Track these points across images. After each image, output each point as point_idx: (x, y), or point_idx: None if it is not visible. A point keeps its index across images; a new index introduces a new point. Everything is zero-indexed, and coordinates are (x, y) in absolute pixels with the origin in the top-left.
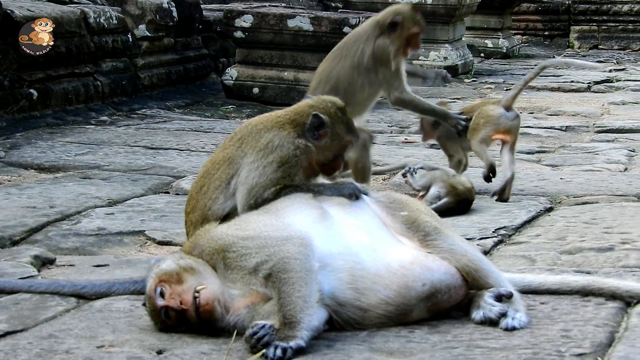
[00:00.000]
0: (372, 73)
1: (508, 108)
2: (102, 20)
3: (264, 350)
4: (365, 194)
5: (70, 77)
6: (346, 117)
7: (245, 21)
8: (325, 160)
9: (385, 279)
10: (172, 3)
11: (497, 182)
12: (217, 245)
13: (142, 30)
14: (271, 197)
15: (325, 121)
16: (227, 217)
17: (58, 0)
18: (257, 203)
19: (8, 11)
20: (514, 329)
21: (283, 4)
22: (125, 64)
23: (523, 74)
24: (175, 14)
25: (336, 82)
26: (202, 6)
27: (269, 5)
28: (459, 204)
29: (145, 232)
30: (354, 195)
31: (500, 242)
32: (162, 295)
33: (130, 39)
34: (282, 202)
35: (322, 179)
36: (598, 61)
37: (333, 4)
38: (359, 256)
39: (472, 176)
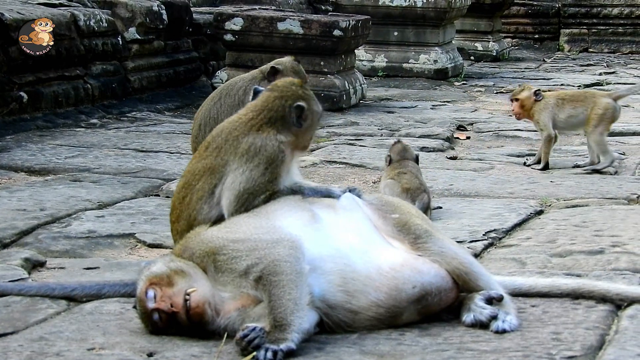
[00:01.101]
0: None
1: (616, 100)
2: (92, 23)
3: (254, 353)
4: (359, 195)
5: (61, 79)
6: (308, 90)
7: (235, 24)
8: (307, 143)
9: (375, 282)
10: (162, 6)
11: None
12: (208, 248)
13: (132, 33)
14: (260, 205)
15: (304, 106)
16: (214, 224)
17: (48, 3)
18: (247, 210)
19: None
20: (504, 331)
21: (273, 7)
22: (115, 66)
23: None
24: (165, 16)
25: (216, 122)
26: (192, 9)
27: (259, 8)
28: None
29: (136, 234)
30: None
31: (490, 245)
32: (152, 297)
33: (121, 42)
34: (272, 205)
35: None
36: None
37: (323, 7)
38: (350, 259)
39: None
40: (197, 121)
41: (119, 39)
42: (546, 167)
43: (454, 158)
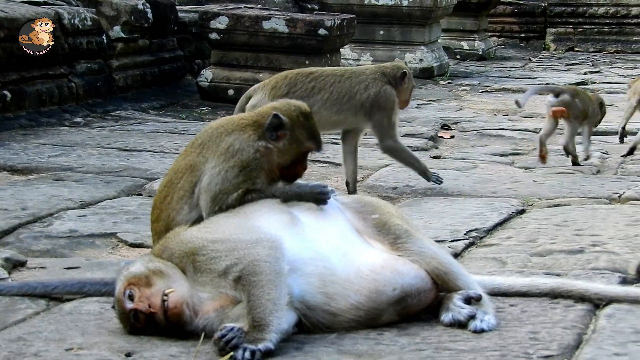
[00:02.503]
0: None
1: None
2: (76, 22)
3: (232, 353)
4: (332, 192)
5: (44, 78)
6: (309, 123)
7: (221, 23)
8: (284, 163)
9: (355, 284)
10: (147, 4)
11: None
12: (187, 248)
13: (117, 31)
14: (235, 204)
15: (285, 122)
16: (193, 224)
17: (33, 2)
18: (221, 209)
19: None
20: (482, 331)
21: (259, 6)
22: (99, 65)
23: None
24: (150, 15)
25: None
26: (177, 7)
27: (245, 7)
28: None
29: (117, 234)
30: (321, 200)
31: (471, 244)
32: (131, 298)
33: (105, 41)
34: (251, 206)
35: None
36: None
37: (309, 6)
38: (330, 261)
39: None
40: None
41: (103, 37)
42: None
43: (437, 157)
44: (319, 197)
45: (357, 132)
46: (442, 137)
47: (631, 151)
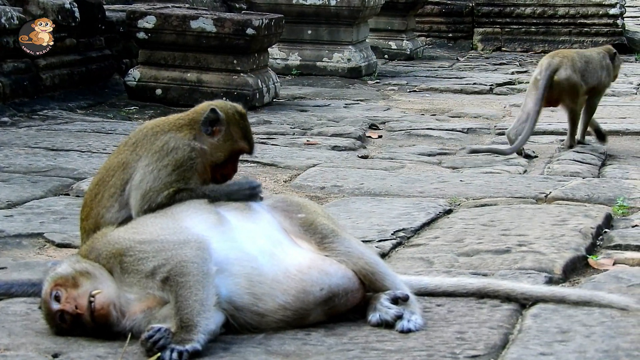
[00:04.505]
0: None
1: None
2: (3, 21)
3: (159, 354)
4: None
5: None
6: (245, 123)
7: (148, 22)
8: (217, 161)
9: (283, 284)
10: (74, 4)
11: None
12: (114, 249)
13: None
14: (165, 202)
15: (221, 117)
16: (121, 224)
17: None
18: (151, 208)
19: None
20: (409, 331)
21: (187, 5)
22: (26, 64)
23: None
24: (77, 14)
25: None
26: (105, 7)
27: (172, 7)
28: None
29: (45, 234)
30: (253, 195)
31: (399, 244)
32: (57, 299)
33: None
34: (179, 206)
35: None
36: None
37: (237, 5)
38: (257, 261)
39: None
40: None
41: None
42: None
43: (365, 157)
44: (250, 193)
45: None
46: (370, 137)
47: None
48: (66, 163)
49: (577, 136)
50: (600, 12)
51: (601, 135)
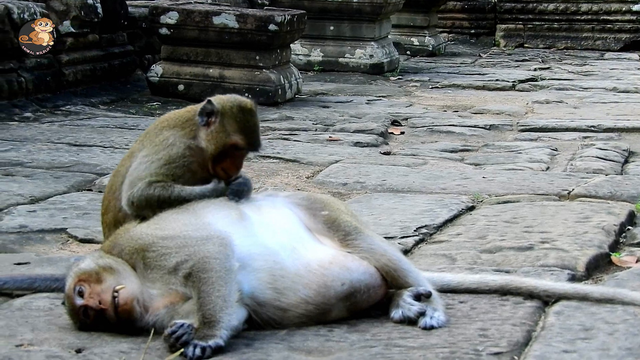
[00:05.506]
0: None
1: None
2: (26, 16)
3: (182, 349)
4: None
5: None
6: (244, 117)
7: (171, 18)
8: (212, 153)
9: (304, 278)
10: None
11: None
12: (137, 245)
13: (66, 26)
14: (141, 193)
15: (216, 109)
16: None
17: None
18: (133, 195)
19: None
20: (432, 328)
21: (209, 1)
22: (49, 60)
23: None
24: (100, 10)
25: None
26: (127, 2)
27: (195, 2)
28: None
29: (67, 229)
30: (237, 196)
31: (421, 240)
32: (80, 294)
33: (55, 35)
34: (200, 202)
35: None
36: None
37: (259, 1)
38: (279, 255)
39: None
40: None
41: (53, 32)
42: None
43: (387, 153)
44: (235, 192)
45: None
46: (392, 133)
47: None
48: (89, 158)
49: None
50: (624, 9)
51: None
